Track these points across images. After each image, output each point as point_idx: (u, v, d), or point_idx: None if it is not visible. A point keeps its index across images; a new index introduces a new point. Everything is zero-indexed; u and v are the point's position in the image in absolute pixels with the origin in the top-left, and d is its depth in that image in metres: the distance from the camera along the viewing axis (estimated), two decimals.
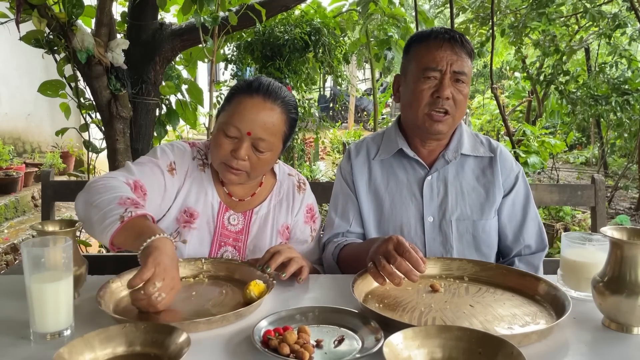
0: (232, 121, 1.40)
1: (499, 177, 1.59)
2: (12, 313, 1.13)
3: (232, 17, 2.59)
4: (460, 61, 1.50)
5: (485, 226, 1.58)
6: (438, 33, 1.52)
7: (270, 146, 1.43)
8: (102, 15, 2.38)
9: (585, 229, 4.53)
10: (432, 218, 1.58)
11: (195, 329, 1.04)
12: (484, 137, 1.69)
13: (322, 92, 12.20)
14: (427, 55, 1.50)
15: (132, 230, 1.18)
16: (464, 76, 1.51)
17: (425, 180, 1.59)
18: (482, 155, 1.61)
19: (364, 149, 1.68)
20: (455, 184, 1.59)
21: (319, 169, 6.48)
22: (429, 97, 1.50)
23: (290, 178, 1.64)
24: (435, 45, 1.50)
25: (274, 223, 1.57)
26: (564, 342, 1.05)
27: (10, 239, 4.12)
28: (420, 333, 0.95)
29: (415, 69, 1.53)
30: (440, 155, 1.59)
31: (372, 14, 4.64)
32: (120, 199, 1.24)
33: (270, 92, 1.42)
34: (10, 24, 2.32)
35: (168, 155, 1.50)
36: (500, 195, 1.59)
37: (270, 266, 1.29)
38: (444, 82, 1.48)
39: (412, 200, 1.59)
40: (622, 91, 5.31)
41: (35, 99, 5.34)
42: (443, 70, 1.49)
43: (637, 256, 1.06)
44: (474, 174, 1.61)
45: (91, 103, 2.58)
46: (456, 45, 1.50)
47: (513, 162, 1.64)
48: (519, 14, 5.59)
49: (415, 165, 1.61)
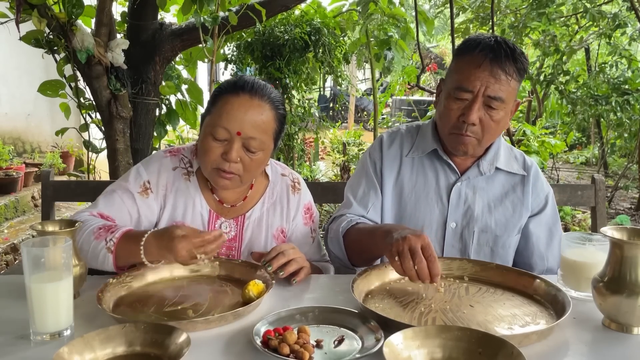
0: (220, 123, 1.34)
1: (529, 197, 1.56)
2: (12, 313, 1.13)
3: (232, 17, 2.59)
4: (497, 84, 1.39)
5: (505, 242, 1.55)
6: (484, 47, 1.40)
7: (261, 145, 1.38)
8: (102, 15, 2.37)
9: (586, 229, 4.53)
10: (454, 224, 1.55)
11: (194, 329, 1.04)
12: (518, 153, 1.64)
13: (322, 92, 12.19)
14: (463, 73, 1.42)
15: (125, 250, 1.26)
16: (498, 102, 1.40)
17: (454, 186, 1.55)
18: (515, 172, 1.57)
19: (398, 141, 1.62)
20: (483, 195, 1.55)
21: (319, 169, 6.48)
22: (455, 119, 1.44)
23: (284, 178, 1.59)
24: (475, 62, 1.40)
25: (268, 227, 1.53)
26: (564, 342, 1.05)
27: (10, 239, 4.11)
28: (420, 333, 0.95)
29: (450, 84, 1.46)
30: (475, 165, 1.55)
31: (372, 14, 4.64)
32: (93, 233, 1.29)
33: (256, 89, 1.37)
34: (10, 24, 2.32)
35: (141, 175, 1.46)
36: (526, 215, 1.56)
37: (272, 265, 1.29)
38: (472, 106, 1.40)
39: (437, 204, 1.56)
40: (622, 91, 5.30)
41: (35, 99, 5.33)
42: (475, 92, 1.40)
43: (637, 256, 1.06)
44: (504, 189, 1.57)
45: (91, 103, 2.58)
46: (498, 65, 1.38)
47: (544, 183, 1.60)
48: (519, 13, 5.59)
49: (447, 169, 1.57)
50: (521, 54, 1.42)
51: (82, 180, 3.22)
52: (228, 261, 1.40)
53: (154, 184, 1.46)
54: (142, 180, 1.46)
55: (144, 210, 1.44)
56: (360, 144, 7.74)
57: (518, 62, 1.41)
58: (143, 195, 1.44)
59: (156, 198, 1.46)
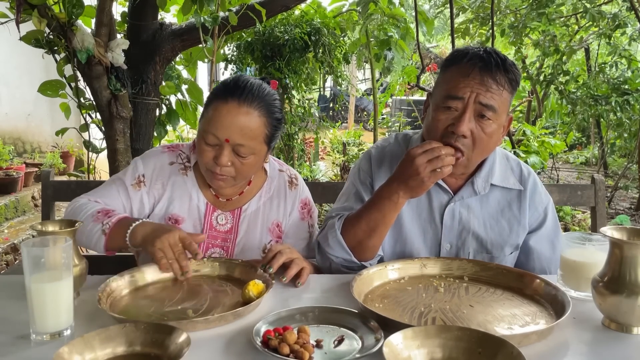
0: (209, 129, 1.36)
1: (526, 214, 1.48)
2: (12, 313, 1.13)
3: (232, 17, 2.59)
4: (489, 93, 1.30)
5: (502, 262, 1.47)
6: (473, 56, 1.32)
7: (251, 150, 1.38)
8: (102, 15, 2.38)
9: (585, 229, 4.53)
10: (449, 246, 1.49)
11: (193, 328, 1.05)
12: (514, 162, 1.54)
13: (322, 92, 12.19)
14: (452, 81, 1.33)
15: (117, 235, 1.33)
16: (490, 111, 1.30)
17: (447, 207, 1.47)
18: (511, 187, 1.49)
19: (387, 160, 1.53)
20: (478, 214, 1.48)
21: (319, 169, 6.47)
22: (443, 129, 1.33)
23: (282, 174, 1.61)
24: (464, 72, 1.31)
25: (264, 220, 1.55)
26: (564, 342, 1.05)
27: (10, 239, 4.11)
28: (420, 333, 0.95)
29: (438, 94, 1.37)
30: (469, 183, 1.47)
31: (372, 14, 4.64)
32: (92, 216, 1.38)
33: (247, 95, 1.36)
34: (10, 24, 2.32)
35: (138, 168, 1.51)
36: (523, 234, 1.50)
37: (272, 266, 1.29)
38: (463, 116, 1.30)
39: (430, 225, 1.49)
40: (622, 91, 5.30)
41: (35, 99, 5.33)
42: (465, 100, 1.30)
43: (637, 256, 1.06)
44: (499, 206, 1.49)
45: (91, 103, 2.58)
46: (489, 73, 1.30)
47: (543, 194, 1.52)
48: (519, 14, 5.59)
49: (439, 189, 1.48)
50: (512, 65, 1.34)
51: (82, 180, 3.22)
52: (228, 261, 1.40)
53: (148, 177, 1.51)
54: (137, 173, 1.51)
55: (135, 203, 1.50)
56: (360, 144, 7.75)
57: (510, 73, 1.33)
58: (135, 188, 1.50)
59: (148, 192, 1.51)
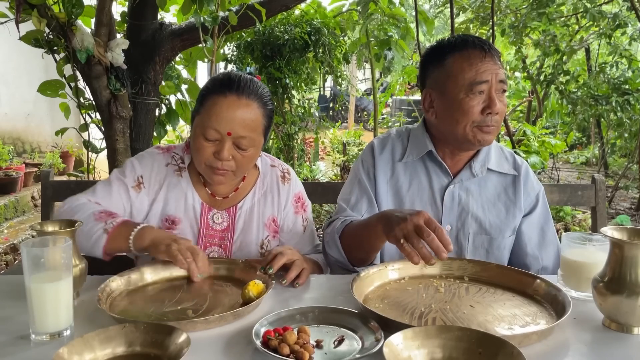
0: (209, 124, 1.37)
1: (521, 197, 1.57)
2: (12, 313, 1.13)
3: (232, 17, 2.59)
4: (501, 70, 1.45)
5: (500, 244, 1.56)
6: (475, 43, 1.46)
7: (252, 142, 1.41)
8: (102, 15, 2.37)
9: (586, 229, 4.53)
10: (449, 227, 1.55)
11: (194, 329, 1.04)
12: (508, 152, 1.65)
13: (322, 92, 12.21)
14: (471, 69, 1.44)
15: (120, 235, 1.31)
16: (506, 85, 1.48)
17: (447, 189, 1.55)
18: (506, 172, 1.58)
19: (389, 147, 1.62)
20: (477, 197, 1.56)
21: (319, 169, 6.47)
22: (478, 113, 1.44)
23: (274, 169, 1.62)
24: (478, 56, 1.44)
25: (259, 216, 1.56)
26: (564, 342, 1.05)
27: (10, 239, 4.12)
28: (420, 333, 0.95)
29: (458, 84, 1.45)
30: (467, 166, 1.56)
31: (372, 14, 4.65)
32: (94, 215, 1.36)
33: (243, 88, 1.39)
34: (10, 24, 2.32)
35: (136, 169, 1.51)
36: (520, 215, 1.57)
37: (272, 267, 1.30)
38: (492, 95, 1.43)
39: (431, 207, 1.56)
40: (623, 91, 5.31)
41: (35, 99, 5.34)
42: (490, 82, 1.43)
43: (637, 256, 1.06)
44: (496, 191, 1.58)
45: (91, 103, 2.58)
46: (490, 54, 1.45)
47: (535, 181, 1.61)
48: (519, 13, 5.59)
49: (440, 171, 1.57)
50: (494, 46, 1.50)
51: (82, 180, 3.22)
52: (228, 261, 1.40)
53: (146, 178, 1.51)
54: (136, 174, 1.51)
55: (137, 205, 1.50)
56: (360, 144, 7.74)
57: (493, 49, 1.48)
58: (136, 190, 1.50)
59: (148, 193, 1.51)
